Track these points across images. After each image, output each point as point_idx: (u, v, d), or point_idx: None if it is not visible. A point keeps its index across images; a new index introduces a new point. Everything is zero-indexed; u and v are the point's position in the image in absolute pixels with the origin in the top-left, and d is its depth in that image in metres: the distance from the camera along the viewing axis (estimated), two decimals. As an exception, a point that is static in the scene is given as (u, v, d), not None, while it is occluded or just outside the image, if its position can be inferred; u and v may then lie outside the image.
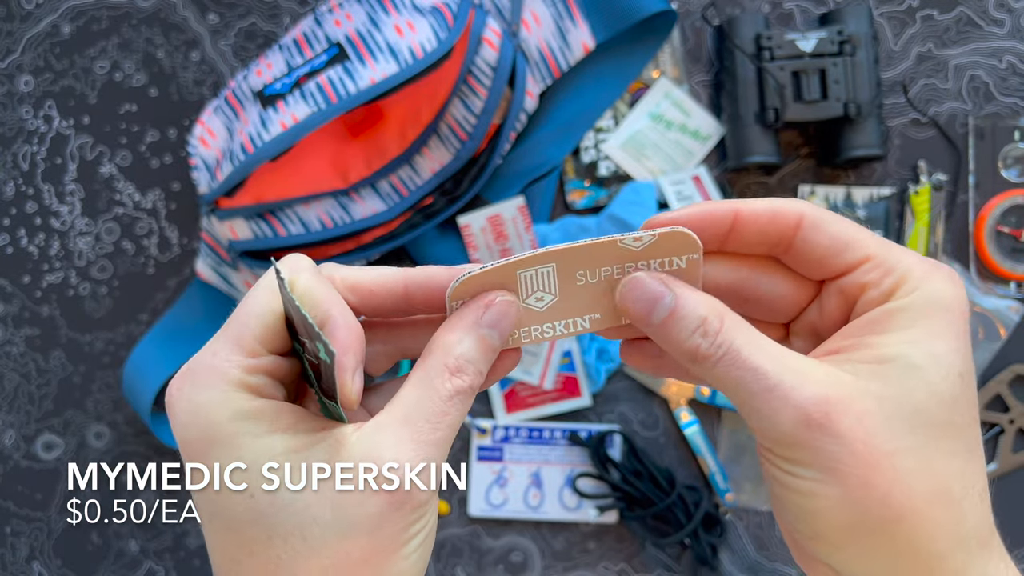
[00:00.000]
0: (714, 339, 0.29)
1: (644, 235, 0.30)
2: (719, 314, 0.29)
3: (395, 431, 0.29)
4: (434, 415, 0.29)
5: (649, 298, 0.30)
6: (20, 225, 0.71)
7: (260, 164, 0.59)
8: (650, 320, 0.30)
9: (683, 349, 0.29)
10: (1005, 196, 0.67)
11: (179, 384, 0.29)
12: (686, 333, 0.29)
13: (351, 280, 0.31)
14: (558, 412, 0.69)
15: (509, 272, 0.31)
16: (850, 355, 0.28)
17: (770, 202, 0.30)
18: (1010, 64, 0.68)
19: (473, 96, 0.63)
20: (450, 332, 0.30)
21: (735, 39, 0.66)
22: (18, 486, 0.70)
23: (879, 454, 0.27)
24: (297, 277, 0.30)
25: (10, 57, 0.70)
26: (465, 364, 0.30)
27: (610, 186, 0.69)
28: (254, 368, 0.29)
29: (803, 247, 0.30)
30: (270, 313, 0.30)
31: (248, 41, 0.70)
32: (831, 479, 0.27)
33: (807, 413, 0.27)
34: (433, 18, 0.61)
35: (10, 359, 0.70)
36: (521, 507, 0.69)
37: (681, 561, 0.68)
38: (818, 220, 0.30)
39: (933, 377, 0.27)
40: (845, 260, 0.30)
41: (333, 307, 0.29)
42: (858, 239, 0.30)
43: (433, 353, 0.30)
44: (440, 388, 0.29)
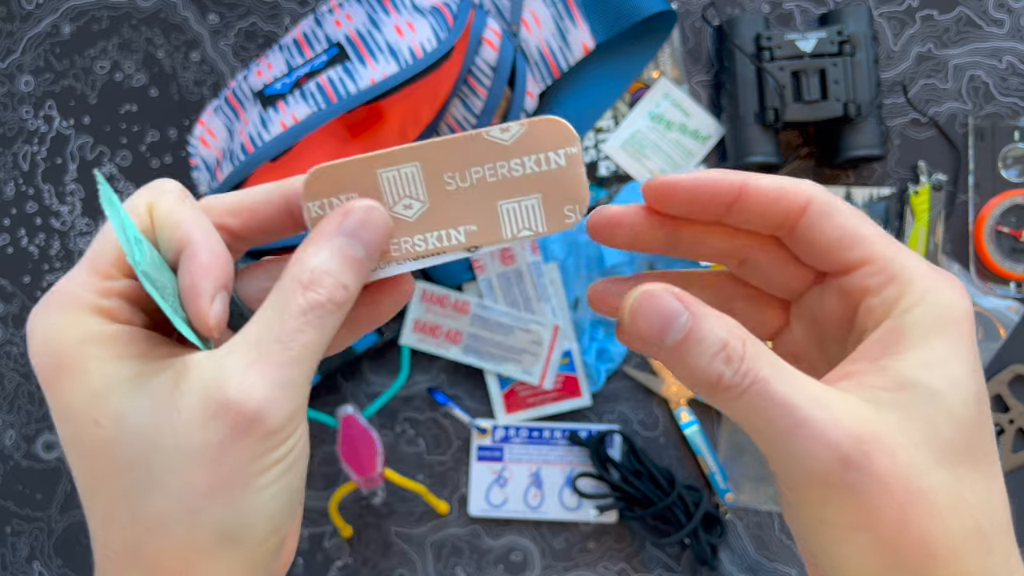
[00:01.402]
0: (738, 366, 0.25)
1: (512, 125, 0.27)
2: (740, 337, 0.26)
3: (243, 354, 0.26)
4: (286, 334, 0.26)
5: (663, 315, 0.26)
6: (20, 225, 0.71)
7: (260, 164, 0.59)
8: (663, 342, 0.26)
9: (701, 377, 0.26)
10: (1005, 196, 0.67)
11: (35, 311, 0.28)
12: (705, 358, 0.26)
13: (229, 203, 0.30)
14: (558, 412, 0.69)
15: (367, 170, 0.28)
16: (864, 380, 0.26)
17: (779, 180, 0.28)
18: (1010, 64, 0.68)
19: (473, 96, 0.63)
20: (305, 245, 0.28)
21: (735, 39, 0.66)
22: (18, 486, 0.70)
23: (915, 494, 0.25)
24: (158, 199, 0.28)
25: (10, 57, 0.70)
26: (321, 276, 0.27)
27: (610, 186, 0.69)
28: (107, 291, 0.28)
29: (806, 234, 0.28)
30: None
31: (248, 41, 0.70)
32: (866, 522, 0.25)
33: (845, 453, 0.24)
34: (433, 18, 0.61)
35: (10, 359, 0.70)
36: (521, 507, 0.69)
37: (681, 561, 0.68)
38: (826, 208, 0.28)
39: (954, 403, 0.25)
40: (847, 258, 0.28)
41: (194, 228, 0.28)
42: (863, 237, 0.28)
43: (288, 270, 0.27)
44: (291, 304, 0.27)
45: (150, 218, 0.28)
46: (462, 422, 0.69)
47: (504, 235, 0.28)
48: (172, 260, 0.28)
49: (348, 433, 0.65)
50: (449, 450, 0.70)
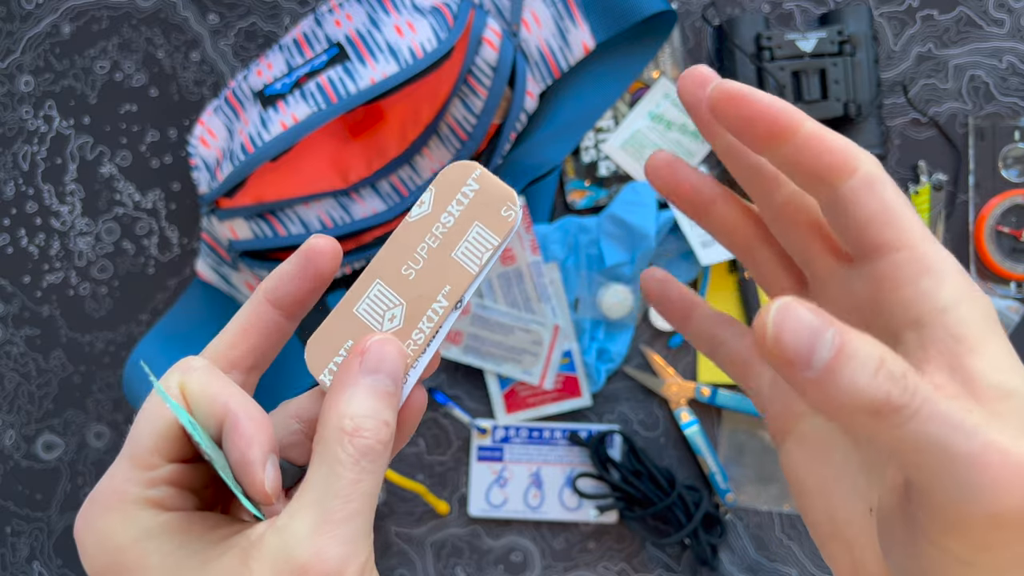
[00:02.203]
0: (905, 383, 0.20)
1: (424, 196, 0.29)
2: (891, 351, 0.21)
3: (306, 517, 0.26)
4: (344, 488, 0.26)
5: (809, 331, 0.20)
6: (20, 225, 0.71)
7: (260, 164, 0.59)
8: (812, 361, 0.20)
9: (863, 399, 0.20)
10: (1005, 196, 0.67)
11: (82, 515, 0.27)
12: (866, 377, 0.20)
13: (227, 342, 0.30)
14: (558, 412, 0.69)
15: (346, 315, 0.29)
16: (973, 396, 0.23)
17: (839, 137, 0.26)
18: (1010, 64, 0.68)
19: (473, 96, 0.63)
20: (335, 395, 0.28)
21: (735, 39, 0.66)
22: (18, 486, 0.70)
23: None
24: (188, 377, 0.28)
25: (10, 57, 0.70)
26: (362, 420, 0.27)
27: (610, 186, 0.69)
28: (153, 481, 0.27)
29: (846, 200, 0.26)
30: (162, 420, 0.28)
31: (248, 41, 0.70)
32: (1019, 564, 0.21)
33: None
34: (433, 18, 0.61)
35: (10, 359, 0.70)
36: (521, 507, 0.69)
37: (681, 561, 0.68)
38: (873, 179, 0.26)
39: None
40: (883, 236, 0.25)
41: (230, 399, 0.27)
42: (904, 220, 0.25)
43: (326, 423, 0.27)
44: (341, 456, 0.27)
45: (184, 398, 0.28)
46: (462, 422, 0.69)
47: (473, 272, 0.30)
48: (214, 435, 0.28)
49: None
50: (449, 450, 0.70)
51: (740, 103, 0.26)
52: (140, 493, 0.27)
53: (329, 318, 0.29)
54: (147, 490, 0.27)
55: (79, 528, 0.27)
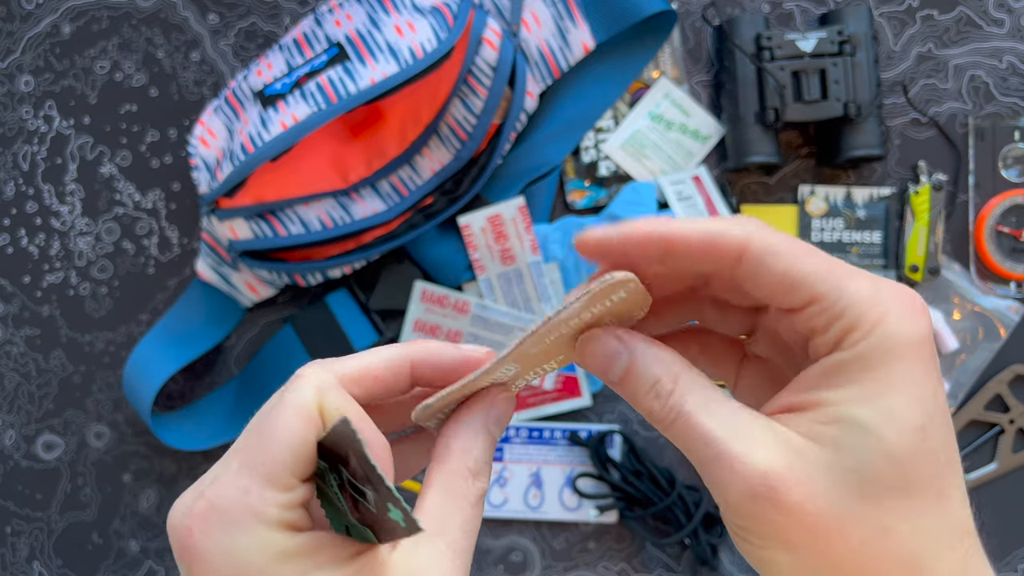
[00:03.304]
0: (666, 401, 0.28)
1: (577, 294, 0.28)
2: (673, 375, 0.28)
3: (433, 545, 0.28)
4: (466, 522, 0.29)
5: (606, 355, 0.29)
6: (20, 225, 0.71)
7: (260, 164, 0.59)
8: (607, 378, 0.30)
9: (640, 408, 0.29)
10: (1005, 196, 0.67)
11: (202, 525, 0.27)
12: (640, 393, 0.29)
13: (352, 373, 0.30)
14: (558, 412, 0.69)
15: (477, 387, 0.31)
16: (804, 415, 0.27)
17: (709, 228, 0.28)
18: (1010, 64, 0.68)
19: (473, 96, 0.63)
20: (464, 434, 0.30)
21: (735, 39, 0.66)
22: (18, 486, 0.70)
23: (827, 524, 0.26)
24: (325, 398, 0.28)
25: (10, 57, 0.70)
26: (483, 466, 0.30)
27: (610, 186, 0.69)
28: (291, 503, 0.27)
29: (745, 280, 0.28)
30: (300, 439, 0.27)
31: (248, 41, 0.70)
32: (783, 547, 0.27)
33: (750, 486, 0.26)
34: (433, 18, 0.61)
35: (10, 359, 0.70)
36: (521, 507, 0.69)
37: (681, 561, 0.68)
38: (762, 252, 0.27)
39: (886, 436, 0.26)
40: (790, 301, 0.28)
41: (365, 429, 0.28)
42: (806, 276, 0.27)
43: (452, 457, 0.30)
44: (468, 494, 0.29)
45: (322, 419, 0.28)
46: (462, 422, 0.69)
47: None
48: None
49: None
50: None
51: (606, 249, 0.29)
52: (279, 515, 0.27)
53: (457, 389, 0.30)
54: (285, 512, 0.27)
55: (198, 540, 0.26)
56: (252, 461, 0.27)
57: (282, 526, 0.27)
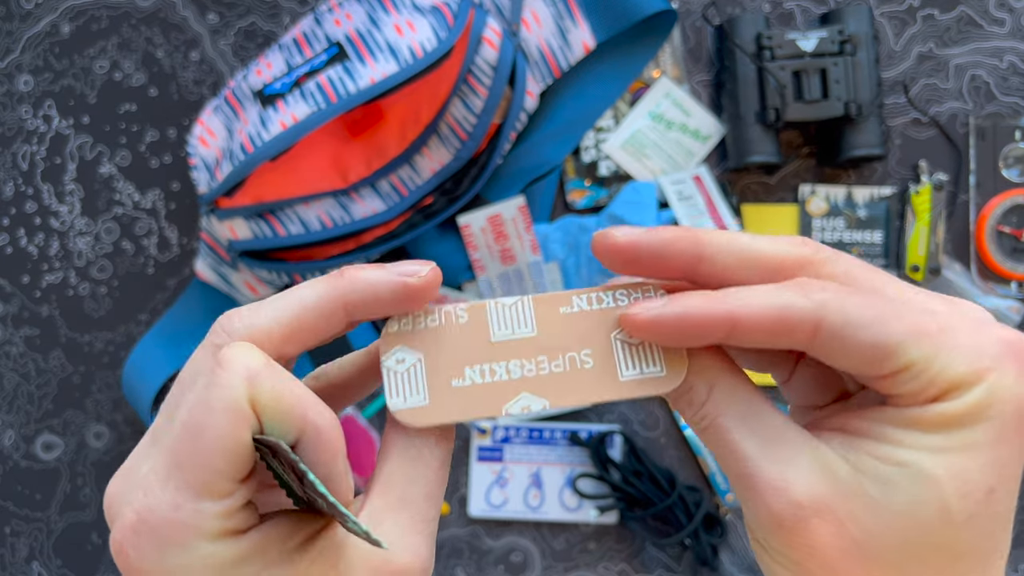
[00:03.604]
0: (697, 410, 0.26)
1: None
2: (709, 382, 0.26)
3: (396, 519, 0.26)
4: (431, 489, 0.26)
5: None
6: (20, 225, 0.70)
7: (260, 164, 0.59)
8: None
9: (674, 408, 0.28)
10: (1006, 196, 0.67)
11: (135, 541, 0.24)
12: (673, 397, 0.27)
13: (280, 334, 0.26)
14: (558, 412, 0.69)
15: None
16: (860, 443, 0.25)
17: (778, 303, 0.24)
18: (1011, 64, 0.68)
19: (473, 96, 0.63)
20: None
21: (736, 39, 0.66)
22: (18, 486, 0.70)
23: (853, 569, 0.24)
24: (258, 389, 0.24)
25: (9, 57, 0.70)
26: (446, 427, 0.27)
27: (610, 186, 0.69)
28: (230, 511, 0.24)
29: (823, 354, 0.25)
30: (237, 444, 0.24)
31: (248, 41, 0.70)
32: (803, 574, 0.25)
33: (781, 515, 0.24)
34: (433, 17, 0.60)
35: (10, 359, 0.70)
36: (521, 507, 0.69)
37: (681, 561, 0.68)
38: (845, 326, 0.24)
39: (947, 494, 0.23)
40: (878, 372, 0.24)
41: (308, 410, 0.25)
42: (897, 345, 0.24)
43: None
44: (429, 457, 0.26)
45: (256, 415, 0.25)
46: (462, 422, 0.69)
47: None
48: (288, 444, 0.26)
49: (347, 433, 0.65)
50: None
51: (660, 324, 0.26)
52: (219, 525, 0.24)
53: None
54: (226, 521, 0.24)
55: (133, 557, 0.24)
56: (182, 470, 0.24)
57: (224, 535, 0.24)
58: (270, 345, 0.26)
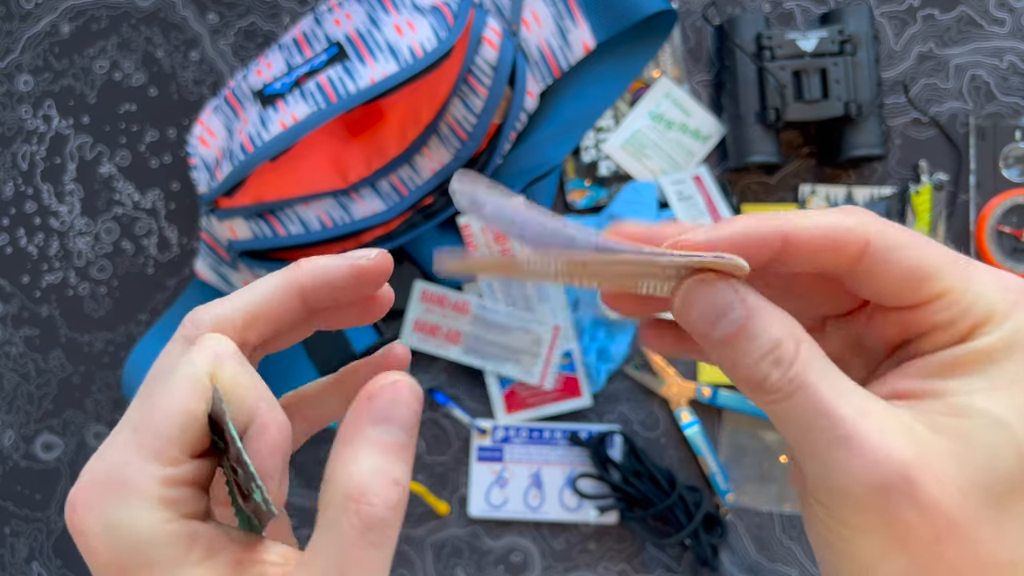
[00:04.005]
0: (787, 370, 0.24)
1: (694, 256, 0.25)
2: (796, 339, 0.24)
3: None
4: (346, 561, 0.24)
5: (716, 307, 0.25)
6: (19, 225, 0.70)
7: (260, 163, 0.59)
8: (711, 334, 0.25)
9: (748, 376, 0.25)
10: (1006, 196, 0.67)
11: (84, 498, 0.24)
12: (754, 357, 0.24)
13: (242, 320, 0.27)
14: (558, 412, 0.69)
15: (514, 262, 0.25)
16: (922, 404, 0.25)
17: (830, 223, 0.25)
18: (1011, 64, 0.68)
19: (473, 96, 0.63)
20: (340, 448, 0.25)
21: (736, 39, 0.66)
22: (17, 486, 0.70)
23: (958, 525, 0.23)
24: (220, 367, 0.25)
25: (9, 57, 0.70)
26: (368, 481, 0.24)
27: (610, 186, 0.69)
28: (175, 480, 0.25)
29: (867, 278, 0.26)
30: (193, 414, 0.25)
31: (248, 40, 0.70)
32: (899, 549, 0.24)
33: (886, 476, 0.23)
34: (433, 17, 0.60)
35: (9, 359, 0.70)
36: (521, 507, 0.69)
37: (682, 562, 0.68)
38: (889, 247, 0.25)
39: (1020, 433, 0.24)
40: (916, 296, 0.25)
41: (260, 402, 0.25)
42: (934, 270, 0.25)
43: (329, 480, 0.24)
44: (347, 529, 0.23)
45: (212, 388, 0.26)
46: (462, 422, 0.69)
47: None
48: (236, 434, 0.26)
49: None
50: (449, 450, 0.69)
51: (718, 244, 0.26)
52: (158, 492, 0.24)
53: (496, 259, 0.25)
54: (168, 490, 0.24)
55: (80, 514, 0.25)
56: (137, 432, 0.25)
57: (164, 504, 0.24)
58: (233, 332, 0.27)
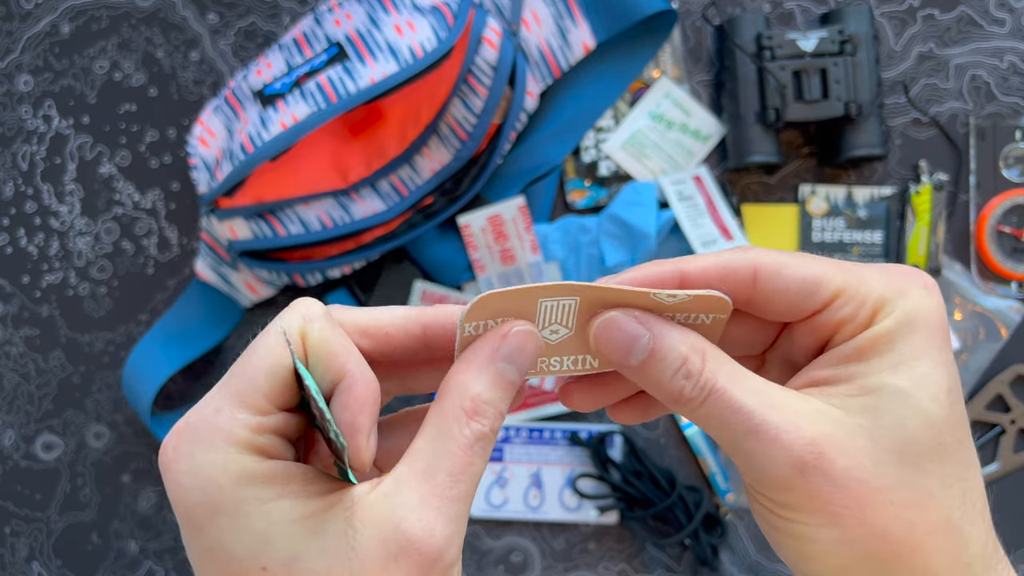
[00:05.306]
0: (697, 380, 0.27)
1: (680, 293, 0.28)
2: (700, 351, 0.27)
3: (415, 488, 0.26)
4: (456, 467, 0.26)
5: (626, 339, 0.28)
6: (19, 225, 0.70)
7: (260, 164, 0.59)
8: (628, 362, 0.28)
9: (666, 392, 0.27)
10: (1006, 196, 0.67)
11: (176, 442, 0.26)
12: (668, 375, 0.27)
13: (363, 323, 0.29)
14: (558, 412, 0.69)
15: (531, 298, 0.28)
16: (833, 388, 0.27)
17: (716, 258, 0.28)
18: (1011, 64, 0.68)
19: (473, 96, 0.63)
20: (465, 370, 0.28)
21: (736, 39, 0.66)
22: (17, 486, 0.70)
23: (874, 492, 0.26)
24: (310, 326, 0.27)
25: (9, 57, 0.70)
26: (483, 406, 0.27)
27: (610, 186, 0.69)
28: (262, 427, 0.27)
29: (764, 298, 0.28)
30: (280, 367, 0.27)
31: (248, 41, 0.70)
32: (827, 521, 0.26)
33: (799, 456, 0.26)
34: (433, 17, 0.60)
35: (9, 359, 0.70)
36: (521, 507, 0.69)
37: (681, 562, 0.68)
38: (776, 268, 0.28)
39: (921, 400, 0.26)
40: (813, 303, 0.28)
41: (350, 360, 0.27)
42: (824, 277, 0.28)
43: (448, 395, 0.27)
44: (459, 436, 0.27)
45: (303, 345, 0.27)
46: (462, 422, 0.69)
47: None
48: (326, 390, 0.28)
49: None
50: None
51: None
52: (248, 437, 0.26)
53: (515, 289, 0.28)
54: (255, 436, 0.26)
55: (171, 457, 0.26)
56: (229, 382, 0.27)
57: (251, 448, 0.26)
58: (352, 327, 0.29)
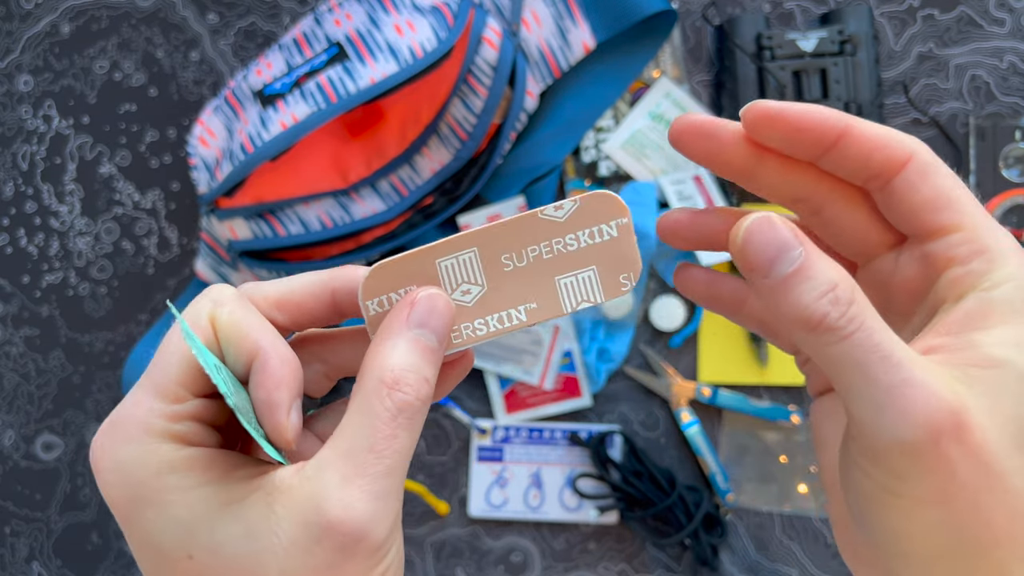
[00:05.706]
0: (845, 310, 0.24)
1: (565, 202, 0.28)
2: (851, 284, 0.24)
3: (338, 468, 0.25)
4: (379, 442, 0.25)
5: (778, 245, 0.24)
6: (19, 225, 0.70)
7: (260, 164, 0.59)
8: (771, 272, 0.24)
9: (804, 314, 0.24)
10: (1006, 196, 0.67)
11: (101, 440, 0.27)
12: (812, 296, 0.24)
13: (274, 296, 0.28)
14: (558, 412, 0.69)
15: (426, 261, 0.28)
16: (954, 356, 0.25)
17: (885, 130, 0.27)
18: (1011, 64, 0.68)
19: (473, 96, 0.63)
20: (379, 343, 0.27)
21: (736, 39, 0.66)
22: (17, 486, 0.70)
23: (993, 476, 0.24)
24: (219, 310, 0.27)
25: (9, 57, 0.70)
26: (403, 374, 0.26)
27: (610, 186, 0.69)
28: (178, 415, 0.26)
29: (900, 190, 0.27)
30: (187, 354, 0.27)
31: (248, 41, 0.70)
32: (942, 499, 0.24)
33: (940, 423, 0.23)
34: (433, 17, 0.60)
35: (10, 359, 0.70)
36: (521, 507, 0.69)
37: (681, 561, 0.68)
38: (926, 167, 0.27)
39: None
40: (937, 220, 0.26)
41: (262, 337, 0.27)
42: (958, 202, 0.26)
43: (366, 371, 0.26)
44: (380, 410, 0.26)
45: (213, 330, 0.27)
46: (462, 422, 0.69)
47: (564, 309, 0.29)
48: (241, 372, 0.27)
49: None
50: (449, 450, 0.69)
51: (779, 121, 0.27)
52: (164, 427, 0.26)
53: (405, 255, 0.27)
54: (171, 424, 0.26)
55: (97, 455, 0.26)
56: (149, 374, 0.27)
57: (169, 437, 0.26)
58: (264, 303, 0.28)
